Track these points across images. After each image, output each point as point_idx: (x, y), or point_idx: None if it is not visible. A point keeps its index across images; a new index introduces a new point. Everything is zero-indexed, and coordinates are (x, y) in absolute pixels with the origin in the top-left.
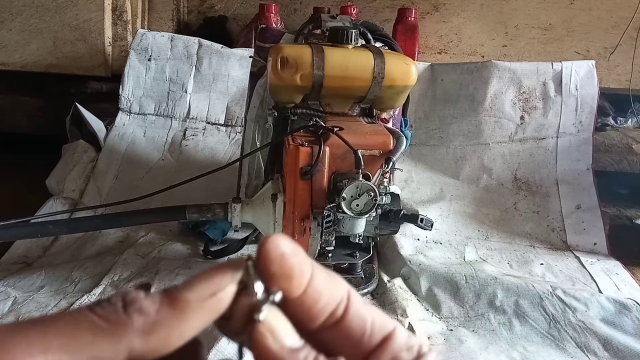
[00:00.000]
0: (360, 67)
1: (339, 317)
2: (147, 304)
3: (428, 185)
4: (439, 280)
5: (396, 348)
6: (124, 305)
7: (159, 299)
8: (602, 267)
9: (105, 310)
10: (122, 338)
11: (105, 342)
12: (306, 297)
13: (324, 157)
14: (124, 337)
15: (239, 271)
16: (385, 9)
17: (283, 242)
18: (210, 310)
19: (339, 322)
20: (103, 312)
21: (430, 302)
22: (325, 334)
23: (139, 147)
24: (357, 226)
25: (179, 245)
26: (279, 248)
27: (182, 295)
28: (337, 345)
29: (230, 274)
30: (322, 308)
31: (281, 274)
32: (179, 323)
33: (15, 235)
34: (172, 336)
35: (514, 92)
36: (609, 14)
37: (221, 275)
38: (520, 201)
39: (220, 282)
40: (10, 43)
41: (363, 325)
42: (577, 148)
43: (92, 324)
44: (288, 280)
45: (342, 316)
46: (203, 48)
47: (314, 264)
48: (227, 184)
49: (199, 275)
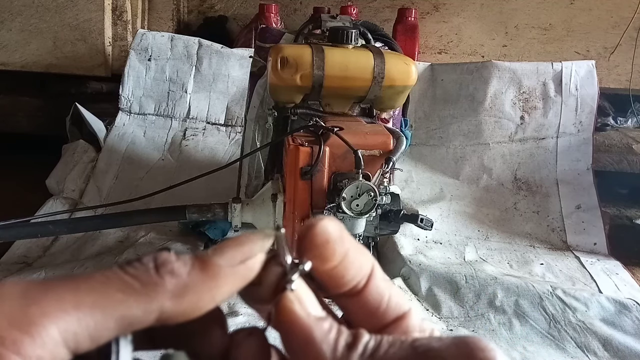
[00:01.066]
0: (360, 67)
1: (360, 289)
2: (179, 266)
3: (428, 185)
4: (439, 280)
5: (410, 327)
6: (155, 266)
7: (191, 262)
8: (602, 267)
9: (138, 271)
10: (153, 299)
11: (136, 302)
12: (336, 270)
13: (324, 157)
14: (156, 299)
15: (268, 240)
16: (385, 9)
17: (331, 226)
18: (241, 276)
19: (358, 293)
20: (135, 272)
21: (430, 302)
22: (343, 301)
23: (139, 147)
24: (357, 226)
25: (179, 245)
26: (325, 234)
27: (213, 260)
28: (352, 313)
29: (260, 242)
30: (348, 280)
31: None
32: (210, 287)
33: (15, 235)
34: (203, 300)
35: (514, 92)
36: (609, 14)
37: (252, 242)
38: (520, 201)
39: (251, 250)
40: (10, 43)
41: (380, 300)
42: (577, 148)
43: (124, 283)
44: (325, 263)
45: (362, 288)
46: (203, 48)
47: (351, 242)
48: (227, 184)
49: (229, 241)
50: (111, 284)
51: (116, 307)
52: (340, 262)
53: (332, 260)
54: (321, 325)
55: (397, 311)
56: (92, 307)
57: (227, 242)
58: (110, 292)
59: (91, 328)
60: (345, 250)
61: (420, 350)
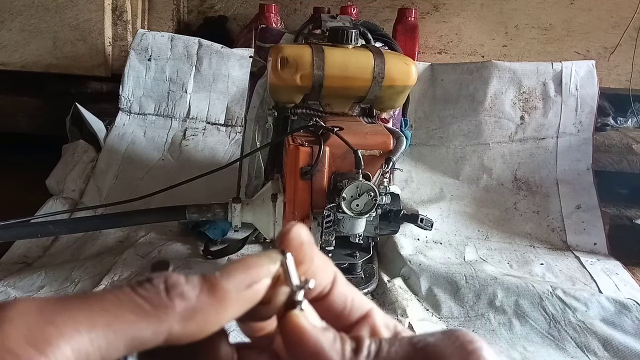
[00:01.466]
0: (360, 67)
1: (326, 293)
2: (188, 290)
3: (428, 185)
4: (439, 280)
5: (375, 325)
6: (166, 288)
7: (199, 286)
8: (602, 267)
9: (149, 292)
10: (163, 322)
11: (147, 323)
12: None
13: (324, 157)
14: (165, 321)
15: (274, 265)
16: (385, 9)
17: (302, 231)
18: (247, 300)
19: (324, 298)
20: (146, 293)
21: (430, 302)
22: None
23: (139, 147)
24: (357, 226)
25: (179, 245)
26: (299, 237)
27: (221, 284)
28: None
29: (266, 267)
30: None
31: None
32: (217, 311)
33: (15, 235)
34: (210, 323)
35: (514, 92)
36: (609, 14)
37: (259, 267)
38: (520, 201)
39: (258, 274)
40: (10, 43)
41: (344, 302)
42: (577, 148)
43: (135, 305)
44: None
45: (328, 292)
46: (203, 48)
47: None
48: (227, 184)
49: (236, 264)
50: (123, 305)
51: (128, 329)
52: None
53: (305, 262)
54: (327, 335)
55: (361, 311)
56: (105, 328)
57: (234, 265)
58: (122, 313)
59: (103, 349)
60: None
61: (419, 346)
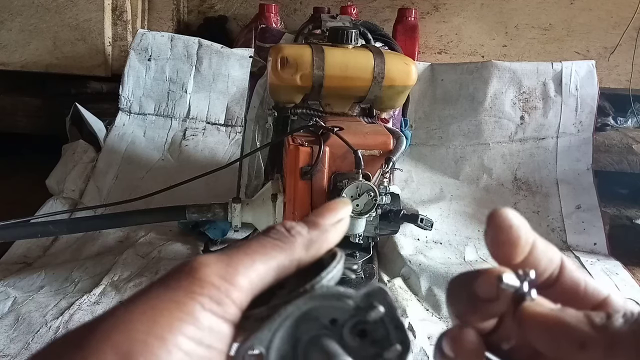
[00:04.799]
0: (360, 67)
1: (554, 279)
2: (301, 228)
3: (428, 185)
4: (439, 280)
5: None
6: (287, 230)
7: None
8: (602, 267)
9: (278, 235)
10: (294, 252)
11: (285, 255)
12: (526, 263)
13: (324, 157)
14: (295, 251)
15: (349, 207)
16: (385, 9)
17: (512, 214)
18: (339, 230)
19: (554, 284)
20: (277, 236)
21: (430, 302)
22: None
23: (139, 147)
24: (357, 226)
25: (179, 245)
26: (508, 220)
27: (319, 222)
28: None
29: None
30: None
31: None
32: (324, 239)
33: (15, 235)
34: (322, 248)
35: (514, 92)
36: (609, 14)
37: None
38: (520, 201)
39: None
40: (10, 43)
41: (576, 287)
42: (577, 148)
43: (273, 244)
44: (513, 248)
45: (556, 278)
46: (203, 48)
47: (536, 235)
48: (227, 184)
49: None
50: (267, 246)
51: (274, 260)
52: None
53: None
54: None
55: (597, 297)
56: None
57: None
58: (268, 251)
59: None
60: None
61: None
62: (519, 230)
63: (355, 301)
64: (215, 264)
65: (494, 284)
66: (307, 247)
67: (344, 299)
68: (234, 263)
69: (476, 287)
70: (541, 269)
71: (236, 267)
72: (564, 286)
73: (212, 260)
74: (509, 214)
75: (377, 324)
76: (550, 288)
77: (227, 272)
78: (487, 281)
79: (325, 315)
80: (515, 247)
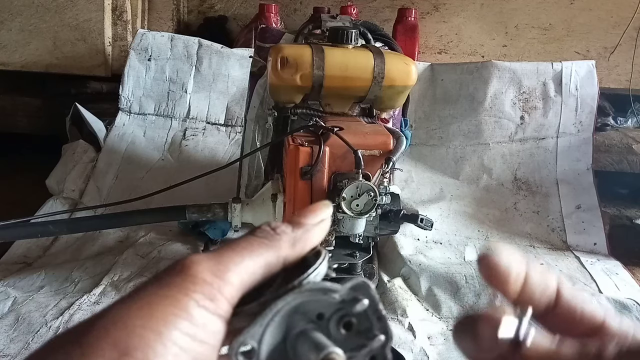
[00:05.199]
0: (360, 67)
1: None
2: (286, 228)
3: (428, 185)
4: (439, 280)
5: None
6: (272, 229)
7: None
8: (602, 267)
9: (264, 234)
10: (280, 249)
11: (271, 252)
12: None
13: (324, 157)
14: (281, 249)
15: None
16: (385, 9)
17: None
18: (322, 229)
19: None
20: (263, 234)
21: (430, 302)
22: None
23: (139, 147)
24: (357, 226)
25: (179, 245)
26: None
27: (303, 221)
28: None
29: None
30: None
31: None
32: (307, 237)
33: (15, 235)
34: (306, 246)
35: (514, 92)
36: (609, 14)
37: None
38: (520, 201)
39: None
40: (10, 43)
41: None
42: (577, 148)
43: (260, 243)
44: (505, 286)
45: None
46: (203, 48)
47: (529, 266)
48: (227, 184)
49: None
50: (254, 244)
51: (261, 258)
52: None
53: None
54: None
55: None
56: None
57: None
58: (255, 249)
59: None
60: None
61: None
62: (508, 269)
63: (340, 295)
64: (206, 261)
65: (494, 334)
66: (292, 244)
67: (330, 293)
68: (224, 260)
69: (479, 331)
70: (536, 300)
71: (226, 264)
72: (561, 313)
73: (203, 258)
74: (497, 254)
75: (361, 316)
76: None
77: (218, 269)
78: (486, 328)
79: (313, 309)
80: (506, 285)
